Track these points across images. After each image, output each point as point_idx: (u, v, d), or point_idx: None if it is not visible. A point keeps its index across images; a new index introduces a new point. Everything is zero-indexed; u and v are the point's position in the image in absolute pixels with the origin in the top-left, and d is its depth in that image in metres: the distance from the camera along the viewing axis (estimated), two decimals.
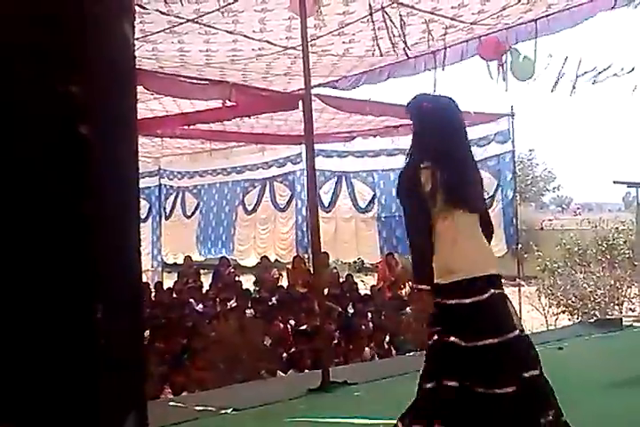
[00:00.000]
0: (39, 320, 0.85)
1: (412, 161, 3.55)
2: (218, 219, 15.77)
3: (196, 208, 16.20)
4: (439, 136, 3.54)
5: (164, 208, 16.62)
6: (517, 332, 3.44)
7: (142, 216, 15.08)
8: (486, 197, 12.70)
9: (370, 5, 6.35)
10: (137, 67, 1.02)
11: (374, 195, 13.44)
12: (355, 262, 17.74)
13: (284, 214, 14.82)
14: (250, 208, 15.26)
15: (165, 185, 16.56)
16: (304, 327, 8.98)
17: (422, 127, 3.64)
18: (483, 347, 3.33)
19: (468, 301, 3.37)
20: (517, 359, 3.37)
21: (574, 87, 7.53)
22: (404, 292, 11.44)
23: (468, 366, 3.33)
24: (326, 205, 13.90)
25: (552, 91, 7.54)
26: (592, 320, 8.89)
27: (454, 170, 3.49)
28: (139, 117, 1.01)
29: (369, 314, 10.07)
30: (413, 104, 3.72)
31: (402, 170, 3.62)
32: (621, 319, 8.37)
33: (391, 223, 13.09)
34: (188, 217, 16.31)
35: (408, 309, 9.90)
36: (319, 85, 9.18)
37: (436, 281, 3.37)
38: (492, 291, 3.43)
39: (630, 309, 11.42)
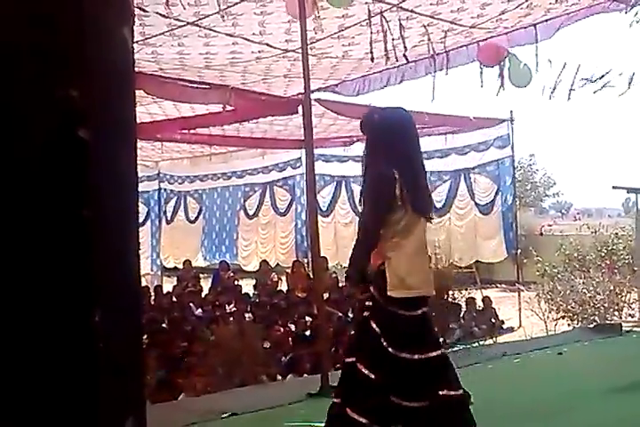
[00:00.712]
0: (38, 324, 0.84)
1: (384, 166, 3.49)
2: (221, 224, 15.75)
3: (199, 213, 16.17)
4: (398, 144, 3.54)
5: (165, 212, 16.58)
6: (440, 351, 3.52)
7: (141, 220, 15.04)
8: (486, 202, 12.79)
9: (369, 9, 6.35)
10: (137, 70, 1.02)
11: None
12: None
13: (284, 219, 14.81)
14: (251, 213, 15.25)
15: (165, 189, 16.53)
16: (303, 332, 8.97)
17: (379, 138, 3.61)
18: (427, 359, 3.39)
19: (419, 312, 3.44)
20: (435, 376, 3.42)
21: (571, 92, 7.53)
22: None
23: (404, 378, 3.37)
24: (324, 209, 13.88)
25: (550, 98, 7.54)
26: (591, 326, 8.87)
27: (417, 180, 3.54)
28: (138, 121, 1.01)
29: None
30: (366, 119, 3.78)
31: (376, 171, 3.55)
32: (621, 325, 8.35)
33: None
34: (192, 222, 16.27)
35: None
36: (319, 90, 9.19)
37: (389, 293, 3.38)
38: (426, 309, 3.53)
39: (630, 314, 11.36)
